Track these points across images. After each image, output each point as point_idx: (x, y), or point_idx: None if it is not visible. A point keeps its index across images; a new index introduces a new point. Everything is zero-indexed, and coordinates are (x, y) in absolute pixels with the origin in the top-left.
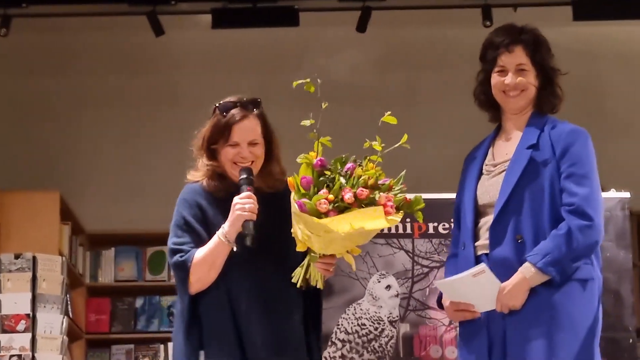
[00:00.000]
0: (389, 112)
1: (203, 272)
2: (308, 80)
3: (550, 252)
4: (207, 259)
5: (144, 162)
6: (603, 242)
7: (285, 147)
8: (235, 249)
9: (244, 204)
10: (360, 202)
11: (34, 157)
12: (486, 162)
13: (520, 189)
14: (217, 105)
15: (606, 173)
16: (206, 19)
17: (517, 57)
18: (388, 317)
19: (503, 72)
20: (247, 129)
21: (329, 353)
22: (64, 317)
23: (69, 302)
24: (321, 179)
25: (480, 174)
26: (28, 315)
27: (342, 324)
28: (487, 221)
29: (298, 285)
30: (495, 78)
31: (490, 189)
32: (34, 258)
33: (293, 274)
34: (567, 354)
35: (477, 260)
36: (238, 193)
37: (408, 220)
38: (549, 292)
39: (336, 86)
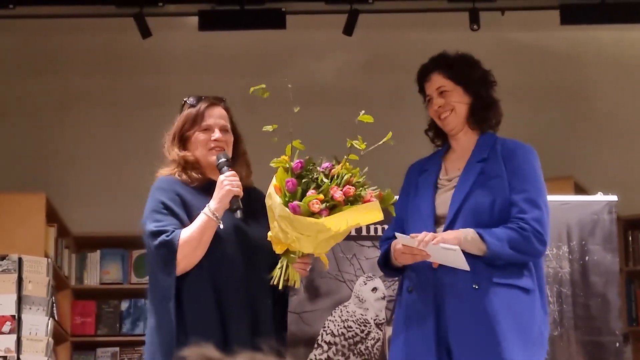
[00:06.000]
0: (363, 112)
1: (190, 250)
2: (263, 85)
3: (495, 232)
4: (195, 237)
5: (130, 164)
6: (590, 246)
7: (270, 150)
8: (222, 226)
9: (232, 181)
10: (347, 200)
11: (20, 159)
12: (440, 176)
13: (470, 201)
14: (185, 99)
15: (593, 176)
16: (193, 21)
17: (435, 82)
18: (374, 320)
19: (430, 100)
20: (219, 115)
21: (315, 355)
22: (49, 319)
23: (54, 304)
24: (304, 180)
25: (436, 187)
26: (13, 316)
27: (328, 326)
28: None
29: (280, 287)
30: (429, 108)
31: (444, 202)
32: (20, 260)
33: (271, 275)
34: (516, 348)
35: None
36: (210, 182)
37: None
38: (493, 294)
39: (323, 89)
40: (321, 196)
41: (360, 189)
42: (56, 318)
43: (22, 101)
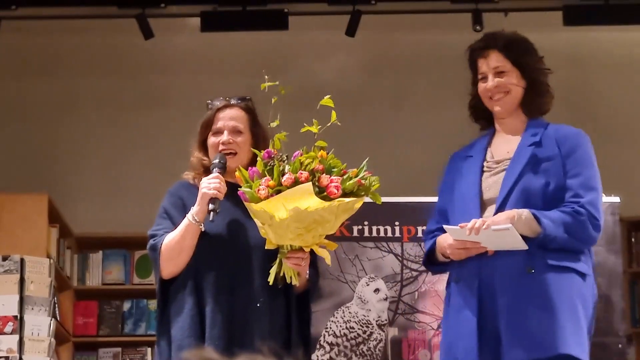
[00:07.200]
0: (328, 95)
1: (173, 254)
2: (277, 82)
3: (550, 215)
4: (175, 240)
5: (133, 165)
6: (593, 247)
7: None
8: (203, 228)
9: (209, 183)
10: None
11: (23, 160)
12: (487, 159)
13: (521, 183)
14: (208, 102)
15: None
16: (195, 22)
17: (493, 60)
18: (377, 321)
19: (484, 78)
20: (230, 117)
21: (317, 356)
22: (51, 320)
23: (56, 305)
24: (267, 168)
25: (482, 171)
26: (15, 317)
27: (330, 327)
28: (487, 216)
29: (271, 283)
30: (480, 86)
31: (493, 185)
32: (22, 260)
33: (270, 272)
34: (572, 339)
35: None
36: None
37: (397, 223)
38: (550, 278)
39: (325, 90)
40: (272, 182)
41: (317, 174)
42: (58, 318)
43: (25, 102)
